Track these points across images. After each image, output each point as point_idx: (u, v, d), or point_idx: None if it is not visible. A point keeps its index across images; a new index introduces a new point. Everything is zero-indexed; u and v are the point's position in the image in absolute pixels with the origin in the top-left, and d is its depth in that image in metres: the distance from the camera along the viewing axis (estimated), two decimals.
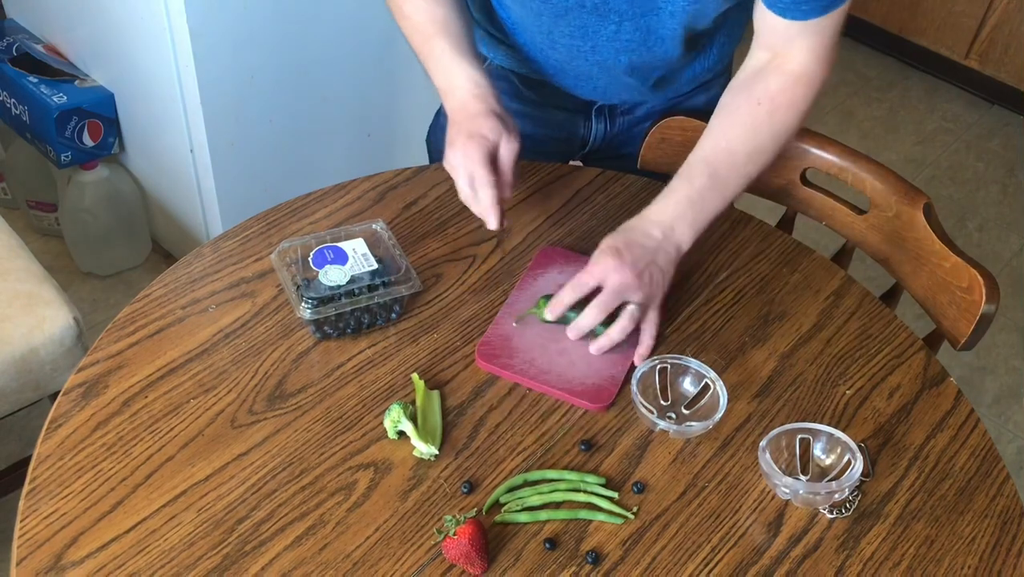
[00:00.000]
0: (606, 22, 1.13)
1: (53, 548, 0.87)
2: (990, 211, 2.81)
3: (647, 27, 1.14)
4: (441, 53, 1.13)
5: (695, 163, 1.12)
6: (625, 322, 1.05)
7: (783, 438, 0.99)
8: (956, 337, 1.20)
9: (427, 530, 0.91)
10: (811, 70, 1.10)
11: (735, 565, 0.91)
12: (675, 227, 1.09)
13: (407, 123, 2.18)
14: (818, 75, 1.11)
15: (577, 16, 1.14)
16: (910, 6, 3.16)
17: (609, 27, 1.14)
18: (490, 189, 1.06)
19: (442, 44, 1.13)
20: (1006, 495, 0.99)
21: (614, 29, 1.14)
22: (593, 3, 1.11)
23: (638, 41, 1.16)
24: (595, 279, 1.04)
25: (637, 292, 1.05)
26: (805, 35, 1.08)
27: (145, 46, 1.81)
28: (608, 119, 1.39)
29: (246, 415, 0.99)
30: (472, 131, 1.08)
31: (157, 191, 2.15)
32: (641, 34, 1.15)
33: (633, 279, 1.04)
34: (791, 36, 1.08)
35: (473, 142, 1.06)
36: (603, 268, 1.04)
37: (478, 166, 1.06)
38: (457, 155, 1.07)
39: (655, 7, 1.11)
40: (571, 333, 1.07)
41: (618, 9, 1.11)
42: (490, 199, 1.06)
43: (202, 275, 1.13)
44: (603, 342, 1.06)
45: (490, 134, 1.08)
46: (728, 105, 1.14)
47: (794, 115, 1.12)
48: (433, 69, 1.15)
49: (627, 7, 1.11)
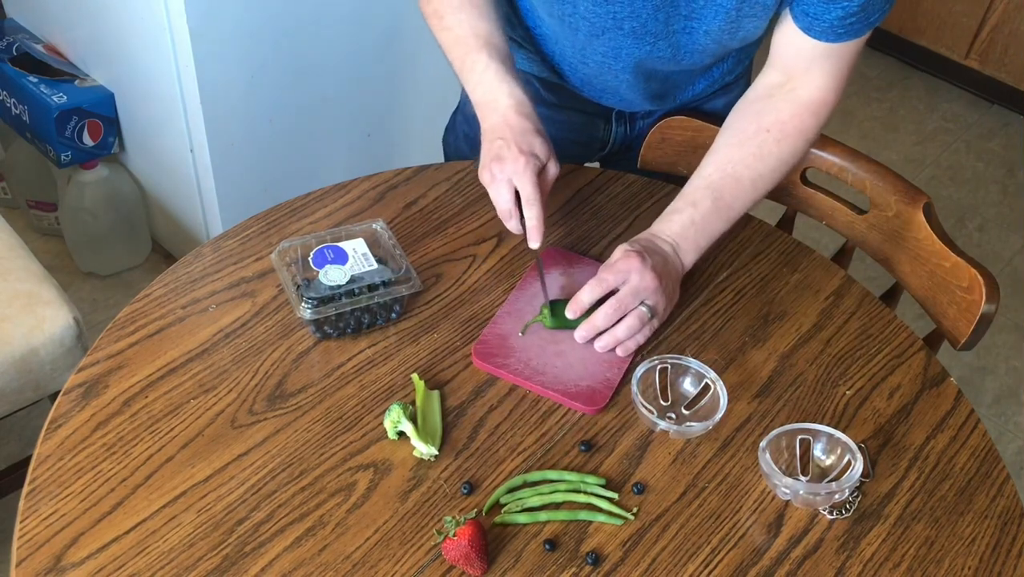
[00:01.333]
0: (641, 43, 1.13)
1: (53, 549, 0.87)
2: (990, 211, 2.81)
3: (678, 44, 1.13)
4: (485, 68, 1.12)
5: (700, 187, 1.12)
6: (633, 321, 1.05)
7: (783, 439, 0.99)
8: (956, 337, 1.20)
9: (427, 531, 0.91)
10: (823, 97, 1.10)
11: (735, 566, 0.91)
12: (680, 246, 1.10)
13: (407, 123, 2.18)
14: (829, 103, 1.11)
15: (613, 37, 1.13)
16: (910, 6, 3.16)
17: (644, 48, 1.14)
18: (539, 207, 1.06)
19: (485, 59, 1.12)
20: (1006, 495, 0.99)
21: (648, 49, 1.14)
22: (631, 26, 1.10)
23: (668, 57, 1.16)
24: (618, 278, 1.05)
25: (654, 295, 1.05)
26: (827, 59, 1.08)
27: (145, 46, 1.81)
28: (628, 122, 1.39)
29: (246, 415, 0.99)
30: (524, 148, 1.07)
31: (157, 191, 2.15)
32: (672, 51, 1.15)
33: (654, 281, 1.04)
34: (813, 59, 1.08)
35: (526, 159, 1.06)
36: (627, 267, 1.04)
37: (529, 185, 1.06)
38: (507, 168, 1.06)
39: (690, 27, 1.10)
40: (581, 332, 1.06)
41: (655, 31, 1.10)
42: (538, 217, 1.06)
43: (202, 275, 1.13)
44: (608, 340, 1.06)
45: (541, 154, 1.07)
46: (735, 127, 1.14)
47: (802, 142, 1.13)
48: (474, 83, 1.13)
49: (663, 28, 1.10)
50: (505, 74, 1.12)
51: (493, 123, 1.11)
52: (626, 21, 1.09)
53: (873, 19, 1.03)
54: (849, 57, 1.08)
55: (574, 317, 1.06)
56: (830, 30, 1.04)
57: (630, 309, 1.05)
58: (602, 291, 1.05)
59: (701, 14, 1.07)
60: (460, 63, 1.15)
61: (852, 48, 1.07)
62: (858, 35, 1.05)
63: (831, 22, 1.03)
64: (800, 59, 1.09)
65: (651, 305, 1.06)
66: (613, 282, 1.05)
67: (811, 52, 1.07)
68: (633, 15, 1.08)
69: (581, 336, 1.06)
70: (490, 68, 1.12)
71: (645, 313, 1.06)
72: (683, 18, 1.08)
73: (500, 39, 1.15)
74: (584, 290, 1.05)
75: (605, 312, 1.05)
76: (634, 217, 1.26)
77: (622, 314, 1.05)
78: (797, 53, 1.09)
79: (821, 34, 1.05)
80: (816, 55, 1.08)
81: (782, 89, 1.12)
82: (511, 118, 1.09)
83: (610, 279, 1.05)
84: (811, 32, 1.05)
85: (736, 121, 1.15)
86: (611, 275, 1.05)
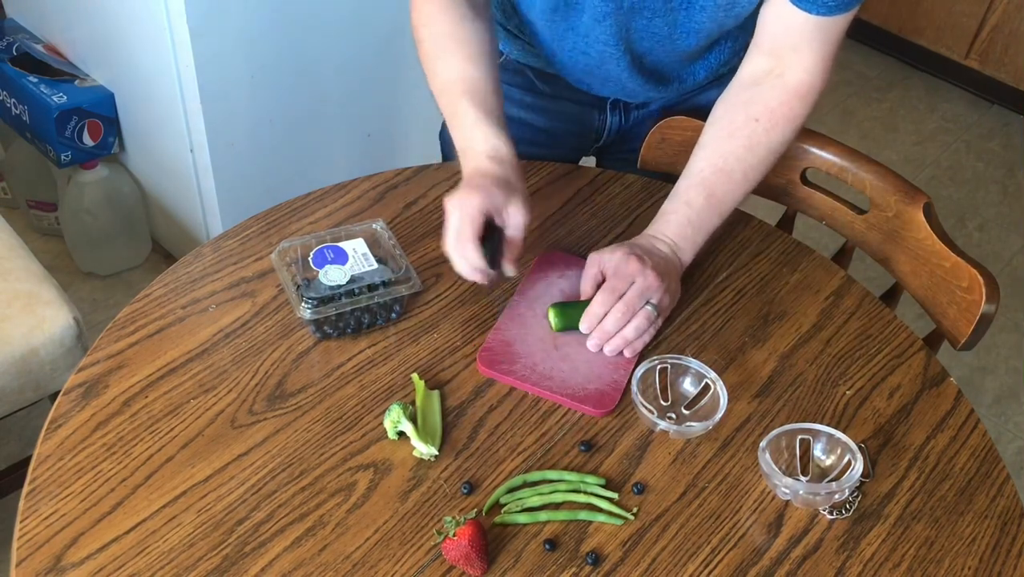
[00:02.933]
0: (639, 18, 1.13)
1: (53, 549, 0.86)
2: (990, 211, 2.81)
3: (675, 21, 1.13)
4: (465, 114, 1.10)
5: (693, 184, 1.12)
6: (642, 322, 1.06)
7: (783, 438, 0.99)
8: (956, 337, 1.20)
9: (427, 531, 0.91)
10: (811, 81, 1.10)
11: (735, 566, 0.91)
12: (678, 244, 1.11)
13: (407, 123, 2.18)
14: (816, 87, 1.11)
15: (615, 21, 1.13)
16: (910, 6, 3.16)
17: (641, 22, 1.13)
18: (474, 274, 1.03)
19: (466, 105, 1.10)
20: (1006, 496, 0.99)
21: (645, 24, 1.14)
22: (631, 3, 1.10)
23: (664, 35, 1.16)
24: (624, 283, 1.05)
25: (658, 294, 1.06)
26: (815, 37, 1.08)
27: (145, 46, 1.81)
28: (623, 112, 1.39)
29: (246, 415, 0.99)
30: (479, 184, 1.03)
31: (157, 191, 2.15)
32: (669, 28, 1.14)
33: (656, 280, 1.06)
34: (802, 36, 1.08)
35: (476, 192, 1.02)
36: (631, 271, 1.05)
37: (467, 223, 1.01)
38: (454, 202, 1.03)
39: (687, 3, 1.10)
40: (593, 341, 1.06)
41: (652, 7, 1.11)
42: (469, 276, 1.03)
43: (202, 275, 1.13)
44: (618, 342, 1.06)
45: (497, 193, 1.03)
46: (723, 120, 1.14)
47: (791, 129, 1.13)
48: (456, 129, 1.12)
49: (662, 5, 1.10)
50: (484, 122, 1.09)
51: (467, 170, 1.09)
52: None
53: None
54: (836, 36, 1.08)
55: (589, 331, 1.06)
56: (822, 1, 1.03)
57: (637, 310, 1.06)
58: (615, 301, 1.05)
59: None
60: (445, 110, 1.14)
61: (840, 25, 1.07)
62: (848, 7, 1.04)
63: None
64: (789, 36, 1.09)
65: (655, 303, 1.06)
66: (622, 289, 1.05)
67: (801, 28, 1.07)
68: None
69: (594, 344, 1.07)
70: (469, 114, 1.09)
71: (652, 312, 1.06)
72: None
73: (488, 86, 1.12)
74: (597, 302, 1.06)
75: (615, 316, 1.05)
76: (634, 217, 1.26)
77: (631, 316, 1.05)
78: (786, 30, 1.08)
79: (812, 4, 1.04)
80: (806, 31, 1.07)
81: (769, 75, 1.12)
82: (483, 165, 1.07)
83: (620, 286, 1.05)
84: (802, 3, 1.04)
85: (724, 112, 1.15)
86: (619, 282, 1.06)
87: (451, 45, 1.13)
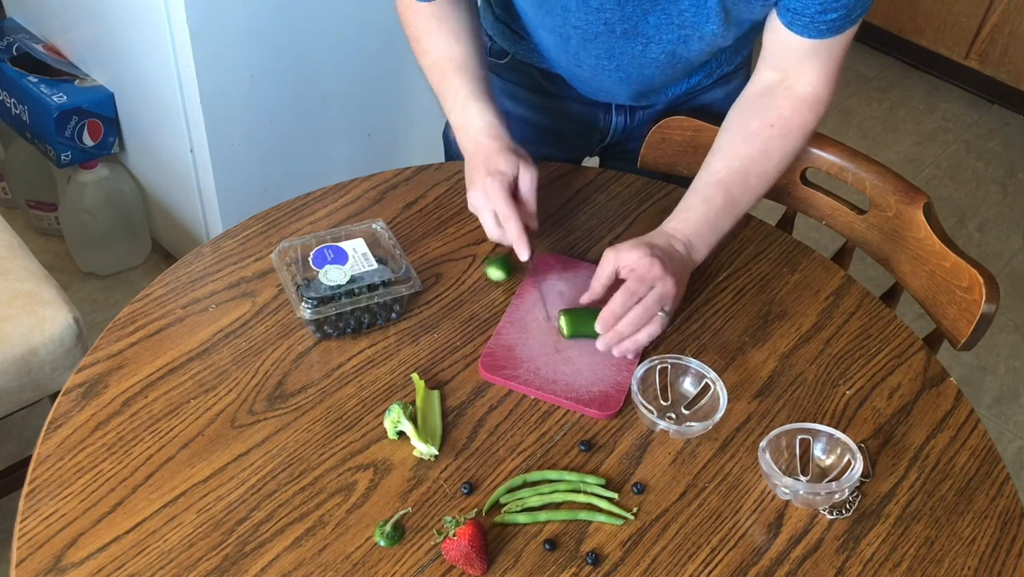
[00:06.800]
0: (633, 44, 1.14)
1: (53, 549, 0.86)
2: (990, 211, 2.81)
3: (672, 51, 1.15)
4: (457, 91, 1.15)
5: (712, 183, 1.12)
6: (655, 328, 1.05)
7: (783, 438, 0.99)
8: (956, 337, 1.20)
9: (427, 531, 0.91)
10: (817, 93, 1.12)
11: (735, 566, 0.91)
12: (694, 244, 1.11)
13: (407, 123, 2.18)
14: (824, 99, 1.12)
15: (606, 40, 1.14)
16: (910, 6, 3.16)
17: (636, 48, 1.15)
18: (515, 221, 1.07)
19: (458, 82, 1.15)
20: (1006, 495, 0.99)
21: (640, 50, 1.15)
22: (623, 28, 1.11)
23: (663, 61, 1.17)
24: (645, 286, 1.04)
25: (671, 301, 1.06)
26: (816, 56, 1.09)
27: (145, 46, 1.81)
28: (628, 113, 1.39)
29: (246, 415, 0.99)
30: (490, 169, 1.08)
31: (157, 191, 2.15)
32: (667, 56, 1.16)
33: (674, 288, 1.05)
34: (802, 55, 1.09)
35: (492, 180, 1.07)
36: (652, 275, 1.04)
37: (500, 203, 1.07)
38: (479, 196, 1.08)
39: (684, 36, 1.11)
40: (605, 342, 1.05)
41: (645, 33, 1.12)
42: (516, 231, 1.07)
43: (202, 275, 1.13)
44: (629, 345, 1.05)
45: (508, 169, 1.08)
46: (739, 124, 1.15)
47: (802, 137, 1.14)
48: (449, 106, 1.16)
49: (654, 32, 1.11)
50: (477, 97, 1.14)
51: (466, 147, 1.14)
52: (618, 24, 1.10)
53: (855, 15, 1.04)
54: (838, 53, 1.09)
55: (605, 331, 1.05)
56: (812, 26, 1.05)
57: (653, 316, 1.05)
58: (634, 303, 1.04)
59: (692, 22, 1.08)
60: (437, 88, 1.18)
61: (839, 44, 1.08)
62: (840, 31, 1.05)
63: (812, 16, 1.03)
64: (789, 56, 1.10)
65: (667, 311, 1.06)
66: (641, 293, 1.04)
67: (799, 49, 1.08)
68: (624, 19, 1.09)
69: (604, 345, 1.05)
70: (461, 91, 1.14)
71: (665, 320, 1.06)
72: (676, 27, 1.09)
73: (474, 61, 1.17)
74: (616, 302, 1.03)
75: (630, 319, 1.04)
76: (634, 217, 1.26)
77: (646, 322, 1.04)
78: (785, 51, 1.10)
79: (804, 30, 1.05)
80: (804, 52, 1.09)
81: (780, 85, 1.13)
82: (481, 141, 1.12)
83: (640, 290, 1.04)
84: (794, 28, 1.06)
85: (739, 117, 1.15)
86: (639, 285, 1.04)
87: (434, 24, 1.18)
